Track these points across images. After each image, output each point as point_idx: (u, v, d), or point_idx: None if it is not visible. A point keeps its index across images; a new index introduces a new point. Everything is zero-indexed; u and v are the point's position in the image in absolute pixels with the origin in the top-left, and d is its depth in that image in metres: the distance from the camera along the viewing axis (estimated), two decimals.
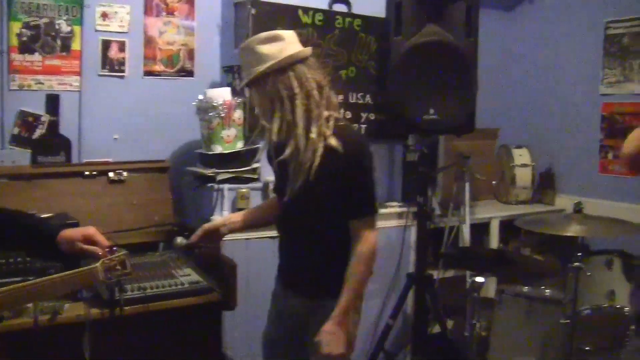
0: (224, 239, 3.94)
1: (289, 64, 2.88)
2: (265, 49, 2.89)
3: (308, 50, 2.98)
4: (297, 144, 2.87)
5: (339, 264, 2.96)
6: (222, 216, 4.06)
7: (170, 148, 4.67)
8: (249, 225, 3.46)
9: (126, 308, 3.13)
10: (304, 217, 3.04)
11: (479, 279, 3.78)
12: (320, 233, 3.04)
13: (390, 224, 5.00)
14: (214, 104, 4.24)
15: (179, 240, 3.35)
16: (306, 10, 4.59)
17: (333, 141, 2.87)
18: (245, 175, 4.35)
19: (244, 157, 4.34)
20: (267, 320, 3.37)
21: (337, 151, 2.86)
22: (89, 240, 2.69)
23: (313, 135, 2.85)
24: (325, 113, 2.92)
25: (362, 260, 2.93)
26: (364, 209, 2.97)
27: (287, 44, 2.91)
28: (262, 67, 2.88)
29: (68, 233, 2.69)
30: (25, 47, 4.18)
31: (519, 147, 6.04)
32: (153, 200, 4.23)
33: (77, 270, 2.63)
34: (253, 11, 4.32)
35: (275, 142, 2.98)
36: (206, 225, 3.35)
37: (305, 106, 2.87)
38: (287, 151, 2.91)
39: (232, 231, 3.42)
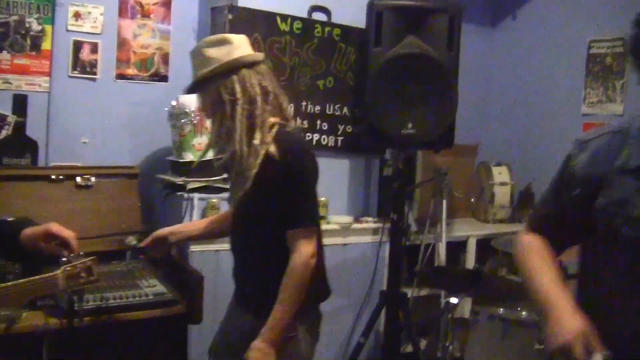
0: (193, 249, 3.84)
1: (233, 68, 2.82)
2: (211, 52, 2.84)
3: (258, 55, 2.93)
4: (236, 151, 2.80)
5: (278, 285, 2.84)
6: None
7: (141, 154, 4.58)
8: (206, 234, 3.39)
9: (87, 319, 3.00)
10: (247, 229, 2.98)
11: (453, 300, 3.70)
12: (264, 246, 2.94)
13: (365, 240, 4.92)
14: (187, 111, 4.15)
15: (130, 238, 3.32)
16: (284, 17, 4.51)
17: (272, 148, 2.79)
18: (216, 185, 4.24)
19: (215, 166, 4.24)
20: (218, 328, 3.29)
21: (274, 158, 2.77)
22: (52, 237, 2.60)
23: (256, 141, 2.78)
24: (272, 120, 2.85)
25: (293, 273, 2.79)
26: (299, 219, 2.84)
27: (234, 47, 2.85)
28: (205, 70, 2.83)
29: (30, 231, 2.62)
30: None
31: (498, 164, 5.97)
32: (121, 208, 4.10)
33: (35, 277, 2.53)
34: (230, 16, 4.24)
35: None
36: (157, 232, 3.28)
37: (249, 112, 2.79)
38: (225, 157, 2.89)
39: (182, 240, 3.37)
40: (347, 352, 4.84)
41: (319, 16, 4.74)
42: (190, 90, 2.97)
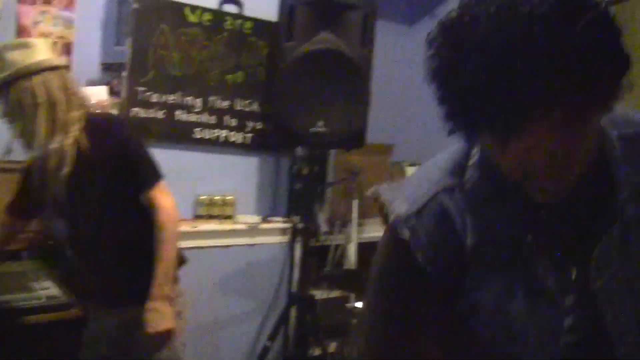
0: None
1: (35, 72, 2.80)
2: (11, 55, 2.81)
3: (59, 60, 2.96)
4: (41, 154, 2.82)
5: (147, 262, 2.89)
6: None
7: None
8: None
9: None
10: (91, 219, 2.97)
11: (359, 305, 3.63)
12: (117, 231, 2.97)
13: (272, 240, 4.83)
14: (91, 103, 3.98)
15: None
16: (194, 8, 4.38)
17: (81, 136, 2.83)
18: None
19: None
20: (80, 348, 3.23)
21: (85, 142, 2.83)
22: None
23: (57, 144, 2.79)
24: (76, 114, 2.86)
25: (164, 228, 2.88)
26: (149, 177, 2.94)
27: (35, 51, 2.85)
28: (5, 74, 2.79)
29: None
30: None
31: (412, 164, 5.91)
32: None
33: None
34: (135, 5, 4.10)
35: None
36: None
37: (52, 115, 2.79)
38: (30, 162, 2.94)
39: None
40: (252, 357, 4.73)
41: (230, 8, 4.62)
42: None
